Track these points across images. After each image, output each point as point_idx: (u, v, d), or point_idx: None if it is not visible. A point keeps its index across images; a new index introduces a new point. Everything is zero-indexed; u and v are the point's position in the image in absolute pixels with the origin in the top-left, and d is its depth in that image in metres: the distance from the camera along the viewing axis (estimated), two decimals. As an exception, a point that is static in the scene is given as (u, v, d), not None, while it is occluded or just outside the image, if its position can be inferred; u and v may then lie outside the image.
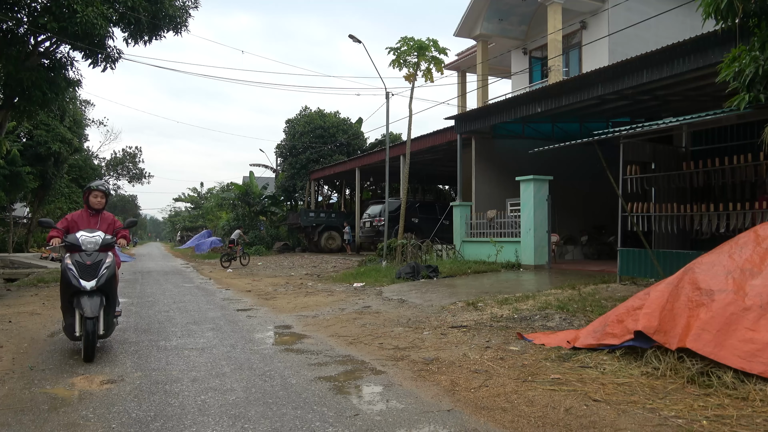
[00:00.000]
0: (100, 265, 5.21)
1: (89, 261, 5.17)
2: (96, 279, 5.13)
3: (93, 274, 5.13)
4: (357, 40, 16.93)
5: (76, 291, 5.07)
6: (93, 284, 5.10)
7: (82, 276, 5.09)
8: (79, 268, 5.12)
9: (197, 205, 59.57)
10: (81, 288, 5.04)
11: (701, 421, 3.38)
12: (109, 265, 5.28)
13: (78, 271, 5.10)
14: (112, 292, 5.34)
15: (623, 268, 9.49)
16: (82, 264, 5.14)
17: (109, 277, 5.24)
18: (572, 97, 11.96)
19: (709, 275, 4.60)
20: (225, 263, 19.81)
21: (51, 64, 13.64)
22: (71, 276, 5.07)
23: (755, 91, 6.02)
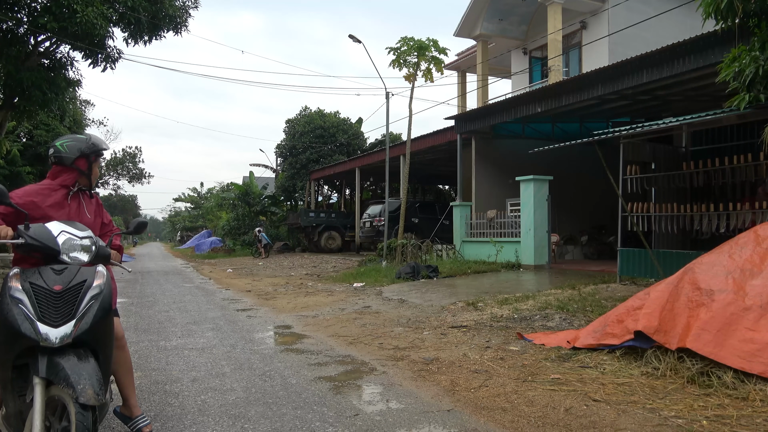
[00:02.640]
0: (81, 293, 2.61)
1: (59, 285, 2.58)
2: (74, 320, 2.55)
3: (66, 310, 2.55)
4: (357, 40, 16.93)
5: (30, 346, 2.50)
6: (67, 331, 2.51)
7: (45, 314, 2.51)
8: (38, 297, 2.54)
9: (197, 205, 59.58)
10: (39, 340, 2.46)
11: (701, 421, 3.38)
12: (100, 291, 2.67)
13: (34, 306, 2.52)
14: (105, 345, 2.72)
15: (623, 268, 9.49)
16: (43, 291, 2.55)
17: (99, 316, 2.63)
18: (572, 97, 11.96)
19: (709, 275, 4.60)
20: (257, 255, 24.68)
21: (51, 64, 13.66)
22: (17, 314, 2.48)
23: (755, 91, 6.02)
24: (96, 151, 3.07)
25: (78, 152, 2.99)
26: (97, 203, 3.27)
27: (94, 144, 3.06)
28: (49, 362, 2.49)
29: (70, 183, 3.03)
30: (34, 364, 2.49)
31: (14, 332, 2.48)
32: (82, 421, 2.41)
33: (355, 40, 16.90)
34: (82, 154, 3.01)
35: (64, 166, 3.00)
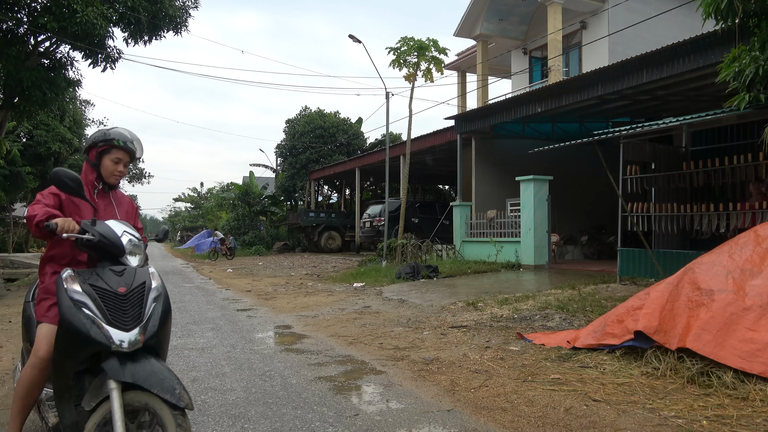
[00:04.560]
0: (144, 295, 2.55)
1: (123, 287, 2.50)
2: (142, 323, 2.47)
3: (134, 313, 2.48)
4: (357, 40, 16.93)
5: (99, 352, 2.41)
6: (138, 335, 2.43)
7: (115, 318, 2.42)
8: (104, 300, 2.44)
9: (197, 205, 59.58)
10: (111, 345, 2.37)
11: (701, 421, 3.38)
12: (160, 294, 2.61)
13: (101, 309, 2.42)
14: (164, 348, 2.66)
15: (623, 268, 9.49)
16: (108, 293, 2.46)
17: (163, 319, 2.58)
18: (572, 97, 11.96)
19: (709, 275, 4.60)
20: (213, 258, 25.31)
21: (51, 64, 13.65)
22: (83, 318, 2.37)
23: (755, 91, 6.03)
24: (105, 140, 2.83)
25: (90, 141, 2.89)
26: (131, 206, 3.08)
27: (104, 133, 2.86)
28: (127, 367, 2.36)
29: (92, 178, 2.88)
30: (111, 369, 2.33)
31: (83, 337, 2.35)
32: (184, 426, 2.34)
33: (355, 40, 16.90)
34: (93, 143, 2.86)
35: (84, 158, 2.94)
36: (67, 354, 2.40)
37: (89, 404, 2.34)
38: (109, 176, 2.90)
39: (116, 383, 2.31)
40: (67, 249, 2.74)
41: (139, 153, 2.97)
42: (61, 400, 2.45)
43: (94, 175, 2.88)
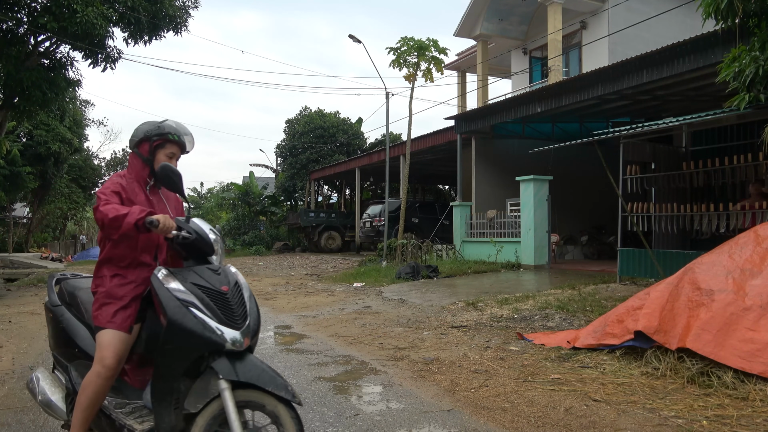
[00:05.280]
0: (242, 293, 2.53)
1: (225, 285, 2.46)
2: (248, 321, 2.44)
3: (240, 311, 2.44)
4: (357, 41, 16.93)
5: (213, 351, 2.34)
6: (243, 334, 2.39)
7: (227, 317, 2.38)
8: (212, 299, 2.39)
9: (197, 205, 59.55)
10: (225, 344, 2.32)
11: (701, 421, 3.38)
12: (250, 292, 2.60)
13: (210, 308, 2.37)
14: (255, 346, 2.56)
15: (623, 268, 9.49)
16: (212, 292, 2.41)
17: (258, 316, 2.57)
18: (572, 97, 11.96)
19: (709, 275, 4.60)
20: None
21: (51, 64, 13.66)
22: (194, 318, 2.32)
23: (755, 91, 6.03)
24: (160, 134, 2.68)
25: (142, 134, 2.70)
26: (178, 201, 2.92)
27: (160, 127, 2.70)
28: (237, 366, 2.31)
29: (144, 174, 2.73)
30: (222, 369, 2.28)
31: (196, 338, 2.29)
32: (299, 421, 2.33)
33: (355, 40, 16.90)
34: (145, 137, 2.69)
35: (132, 152, 2.76)
36: (177, 356, 2.33)
37: (195, 406, 2.29)
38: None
39: (227, 383, 2.26)
40: (127, 250, 2.60)
41: (189, 147, 2.81)
42: (161, 404, 2.35)
43: (147, 170, 2.73)
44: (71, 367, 2.68)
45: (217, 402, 2.28)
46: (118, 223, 2.42)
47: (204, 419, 2.29)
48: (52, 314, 2.87)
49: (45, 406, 2.73)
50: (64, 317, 2.80)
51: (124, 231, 2.43)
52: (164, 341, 2.34)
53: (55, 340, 2.87)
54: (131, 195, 2.63)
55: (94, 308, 2.56)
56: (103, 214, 2.44)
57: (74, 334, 2.72)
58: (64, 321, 2.79)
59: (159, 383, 2.37)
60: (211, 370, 2.31)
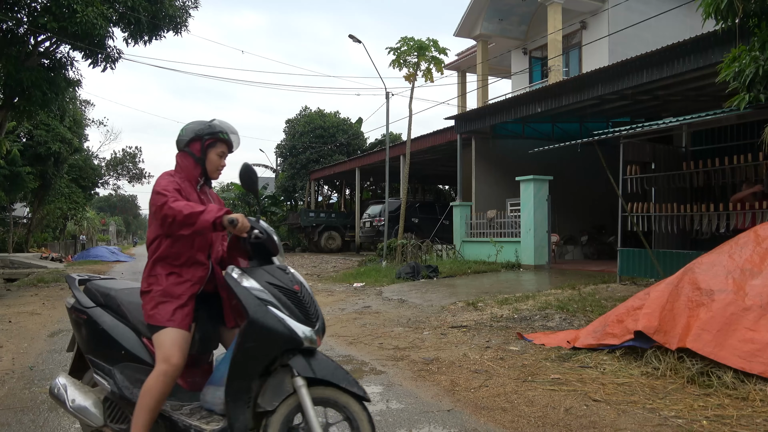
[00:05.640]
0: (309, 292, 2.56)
1: (296, 284, 2.49)
2: (319, 321, 2.49)
3: (312, 310, 2.48)
4: (357, 41, 16.93)
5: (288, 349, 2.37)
6: (317, 332, 2.44)
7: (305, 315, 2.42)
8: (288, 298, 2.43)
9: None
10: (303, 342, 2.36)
11: (701, 421, 3.38)
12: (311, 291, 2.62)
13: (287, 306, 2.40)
14: None
15: (623, 268, 9.49)
16: (287, 291, 2.44)
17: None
18: (572, 97, 11.96)
19: (709, 275, 4.60)
20: None
21: (51, 64, 13.65)
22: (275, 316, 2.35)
23: (755, 91, 6.02)
24: (212, 133, 2.67)
25: (192, 134, 2.68)
26: (220, 201, 2.85)
27: (211, 126, 2.69)
28: (311, 363, 2.34)
29: (196, 173, 2.70)
30: (299, 366, 2.31)
31: (278, 336, 2.32)
32: (372, 422, 2.35)
33: (355, 40, 16.90)
34: (196, 135, 2.67)
35: (181, 151, 2.71)
36: (257, 354, 2.35)
37: (271, 404, 2.32)
38: (214, 171, 2.75)
39: (303, 380, 2.29)
40: (183, 249, 2.57)
41: (236, 146, 2.80)
42: (237, 403, 2.35)
43: (199, 169, 2.70)
44: (116, 370, 2.58)
45: (291, 399, 2.31)
46: (193, 220, 2.41)
47: (279, 417, 2.32)
48: (87, 316, 2.75)
49: (78, 412, 2.64)
50: (103, 319, 2.71)
51: (199, 228, 2.43)
52: (244, 340, 2.35)
53: (94, 342, 2.74)
54: (186, 194, 2.62)
55: (149, 307, 2.51)
56: (174, 211, 2.42)
57: (118, 335, 2.64)
58: (105, 322, 2.70)
59: (236, 382, 2.35)
60: (285, 367, 2.34)
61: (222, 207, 2.50)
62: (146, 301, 2.54)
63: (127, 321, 2.68)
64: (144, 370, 2.55)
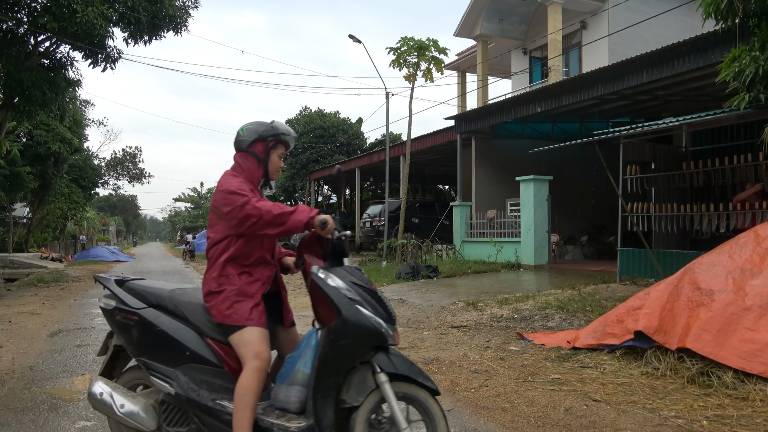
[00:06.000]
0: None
1: (374, 284, 2.61)
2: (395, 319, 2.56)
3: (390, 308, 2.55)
4: (357, 41, 16.93)
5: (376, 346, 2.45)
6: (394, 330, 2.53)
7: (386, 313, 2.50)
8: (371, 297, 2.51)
9: (197, 205, 59.62)
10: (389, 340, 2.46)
11: (701, 421, 3.38)
12: None
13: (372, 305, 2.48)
14: None
15: (623, 268, 9.49)
16: (369, 291, 2.52)
17: None
18: (572, 97, 11.96)
19: (709, 275, 4.60)
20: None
21: (51, 64, 13.65)
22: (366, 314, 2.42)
23: (755, 91, 6.02)
24: (275, 134, 2.69)
25: (255, 135, 2.68)
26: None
27: (274, 127, 2.71)
28: (391, 360, 2.43)
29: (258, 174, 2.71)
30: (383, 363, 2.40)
31: (369, 333, 2.40)
32: (444, 414, 2.45)
33: (355, 40, 16.89)
34: (260, 137, 2.68)
35: (242, 152, 2.71)
36: (349, 352, 2.40)
37: (357, 399, 2.36)
38: (275, 172, 2.77)
39: (386, 376, 2.36)
40: (254, 248, 2.59)
41: (291, 147, 2.83)
42: (326, 400, 2.39)
43: (261, 170, 2.71)
44: (179, 372, 2.53)
45: (373, 395, 2.38)
46: (283, 220, 2.44)
47: (364, 412, 2.37)
48: (139, 317, 2.65)
49: (129, 417, 2.57)
50: (160, 320, 2.62)
51: (289, 228, 2.45)
52: (337, 338, 2.39)
53: (151, 345, 2.63)
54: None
55: (224, 307, 2.49)
56: (261, 211, 2.43)
57: (181, 336, 2.58)
58: (163, 323, 2.61)
59: (326, 379, 2.39)
60: (364, 364, 2.41)
61: (311, 208, 2.50)
62: (219, 301, 2.51)
63: (187, 322, 2.61)
64: (209, 371, 2.52)
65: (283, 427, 2.41)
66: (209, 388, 2.50)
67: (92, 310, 8.75)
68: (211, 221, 2.64)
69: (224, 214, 2.52)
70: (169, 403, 2.58)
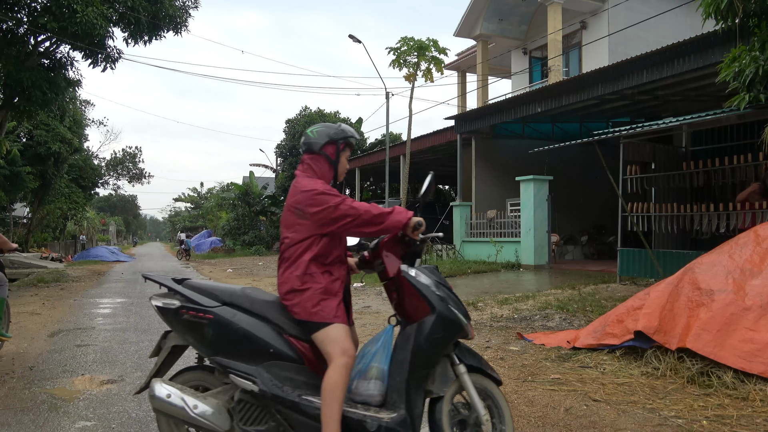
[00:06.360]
0: None
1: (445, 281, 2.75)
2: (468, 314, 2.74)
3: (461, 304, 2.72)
4: (357, 41, 16.94)
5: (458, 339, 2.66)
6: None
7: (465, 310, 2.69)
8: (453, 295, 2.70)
9: (197, 205, 59.62)
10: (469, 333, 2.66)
11: (701, 421, 3.38)
12: None
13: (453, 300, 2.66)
14: None
15: (623, 268, 9.49)
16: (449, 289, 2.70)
17: None
18: (572, 97, 11.96)
19: (709, 275, 4.60)
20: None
21: (51, 64, 13.64)
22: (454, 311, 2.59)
23: (755, 91, 6.03)
24: (345, 137, 2.77)
25: (327, 137, 2.74)
26: None
27: (344, 131, 2.78)
28: (466, 353, 2.65)
29: (330, 176, 2.75)
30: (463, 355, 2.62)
31: (458, 328, 2.57)
32: (507, 403, 2.69)
33: (355, 40, 16.91)
34: (331, 140, 2.73)
35: (313, 153, 2.74)
36: (440, 345, 2.56)
37: (442, 390, 2.55)
38: (342, 173, 2.83)
39: (465, 367, 2.59)
40: (335, 248, 2.64)
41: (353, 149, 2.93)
42: (418, 390, 2.52)
43: (332, 172, 2.76)
44: (261, 369, 2.52)
45: (453, 385, 2.59)
46: (382, 219, 2.54)
47: (446, 401, 2.56)
48: (214, 316, 2.59)
49: (203, 417, 2.52)
50: (239, 318, 2.59)
51: (387, 228, 2.56)
52: (431, 332, 2.52)
53: (230, 343, 2.58)
54: None
55: (311, 305, 2.51)
56: (358, 211, 2.52)
57: (264, 334, 2.57)
58: (242, 321, 2.58)
59: (418, 372, 2.52)
60: (447, 357, 2.59)
61: (407, 209, 2.60)
62: (304, 299, 2.53)
63: (265, 319, 2.60)
64: (291, 367, 2.54)
65: (376, 419, 2.46)
66: (292, 384, 2.51)
67: (92, 310, 8.76)
68: (288, 222, 2.64)
69: (311, 214, 2.55)
70: (246, 402, 2.55)
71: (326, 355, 2.48)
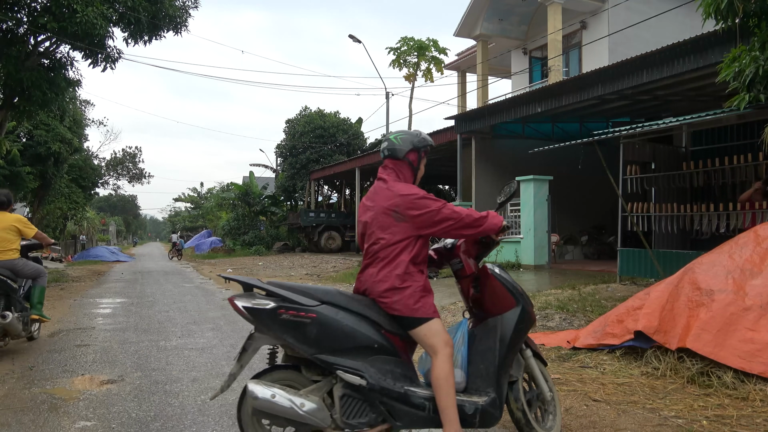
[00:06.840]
0: None
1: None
2: None
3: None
4: (357, 41, 16.94)
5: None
6: None
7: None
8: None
9: (197, 205, 59.59)
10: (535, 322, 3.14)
11: (701, 421, 3.39)
12: None
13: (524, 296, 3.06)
14: None
15: (623, 268, 9.49)
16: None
17: None
18: (572, 97, 11.96)
19: (709, 275, 4.60)
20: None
21: (51, 64, 13.64)
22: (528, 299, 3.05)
23: (755, 91, 6.02)
24: (426, 145, 2.93)
25: (410, 145, 2.88)
26: None
27: (425, 139, 2.93)
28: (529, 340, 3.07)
29: (411, 181, 2.91)
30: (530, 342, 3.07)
31: (533, 317, 2.99)
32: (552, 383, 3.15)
33: (355, 40, 16.91)
34: (414, 147, 2.88)
35: (396, 159, 2.88)
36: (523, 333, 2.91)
37: (519, 373, 2.96)
38: (419, 179, 3.00)
39: (531, 352, 3.04)
40: (426, 249, 2.84)
41: None
42: (504, 375, 2.82)
43: (412, 178, 2.93)
44: (368, 364, 2.61)
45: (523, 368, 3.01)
46: (481, 223, 2.76)
47: (520, 383, 2.96)
48: (317, 315, 2.62)
49: (311, 415, 2.55)
50: (340, 316, 2.64)
51: (485, 230, 2.78)
52: (519, 322, 2.86)
53: (337, 340, 2.62)
54: None
55: (413, 302, 2.65)
56: (460, 215, 2.72)
57: (367, 330, 2.65)
58: (346, 318, 2.64)
59: (507, 358, 2.83)
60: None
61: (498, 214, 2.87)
62: (406, 296, 2.66)
63: (364, 316, 2.67)
64: (392, 361, 2.67)
65: (473, 403, 2.71)
66: (393, 376, 2.63)
67: (92, 310, 8.76)
68: (383, 224, 2.74)
69: (412, 216, 2.69)
70: (350, 396, 2.60)
71: (429, 348, 2.66)
